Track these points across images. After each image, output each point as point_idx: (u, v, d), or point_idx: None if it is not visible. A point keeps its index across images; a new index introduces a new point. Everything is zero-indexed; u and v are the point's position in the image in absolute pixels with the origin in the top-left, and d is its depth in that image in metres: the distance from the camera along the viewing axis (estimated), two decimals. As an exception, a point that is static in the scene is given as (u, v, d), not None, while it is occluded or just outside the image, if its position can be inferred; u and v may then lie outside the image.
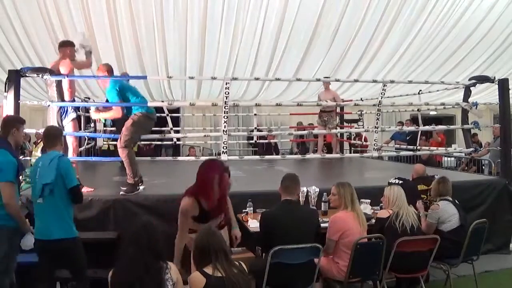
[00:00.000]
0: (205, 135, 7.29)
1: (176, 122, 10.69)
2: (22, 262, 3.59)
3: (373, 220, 3.95)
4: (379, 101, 5.45)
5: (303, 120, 10.85)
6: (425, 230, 3.92)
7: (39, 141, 7.50)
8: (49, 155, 3.25)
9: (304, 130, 9.70)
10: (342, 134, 9.61)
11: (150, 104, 5.81)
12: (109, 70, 4.95)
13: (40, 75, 4.73)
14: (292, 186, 3.45)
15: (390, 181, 4.07)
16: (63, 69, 4.68)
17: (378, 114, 5.58)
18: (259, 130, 9.59)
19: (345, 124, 9.63)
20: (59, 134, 3.48)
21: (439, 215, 3.97)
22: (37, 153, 6.81)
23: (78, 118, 5.34)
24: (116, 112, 4.66)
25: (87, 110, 8.13)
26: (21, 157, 5.02)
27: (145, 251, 2.29)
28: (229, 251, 2.45)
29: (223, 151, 5.09)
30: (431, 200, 4.32)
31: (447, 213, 3.98)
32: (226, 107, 4.96)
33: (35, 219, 3.24)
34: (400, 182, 4.04)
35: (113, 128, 7.09)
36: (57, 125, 4.55)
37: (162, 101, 9.64)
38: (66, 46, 4.81)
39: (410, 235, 3.55)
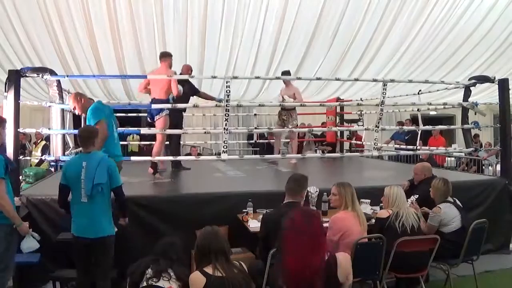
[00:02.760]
0: (205, 132, 7.27)
1: (176, 122, 10.70)
2: (22, 262, 3.61)
3: (373, 220, 3.95)
4: (382, 100, 5.44)
5: (303, 120, 10.84)
6: (426, 233, 3.90)
7: (39, 141, 7.50)
8: (94, 155, 3.31)
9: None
10: (342, 134, 9.62)
11: (153, 106, 5.91)
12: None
13: (40, 75, 4.74)
14: (296, 189, 3.44)
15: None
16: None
17: (381, 114, 5.56)
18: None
19: (345, 124, 9.62)
20: (95, 134, 3.49)
21: (441, 218, 3.94)
22: (37, 153, 6.80)
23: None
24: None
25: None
26: (21, 157, 5.04)
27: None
28: (229, 251, 2.45)
29: (223, 151, 5.09)
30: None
31: (449, 216, 3.95)
32: (227, 105, 4.96)
33: (76, 219, 3.29)
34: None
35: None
36: (59, 125, 4.60)
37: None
38: (169, 57, 5.59)
39: (410, 235, 3.55)
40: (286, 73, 6.88)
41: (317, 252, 2.37)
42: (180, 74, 6.15)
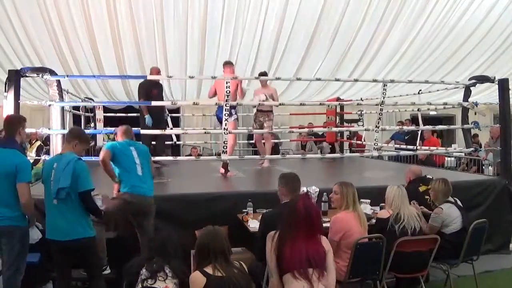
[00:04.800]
0: (205, 132, 7.28)
1: (176, 122, 10.70)
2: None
3: (373, 220, 3.95)
4: (382, 100, 5.44)
5: (303, 121, 10.84)
6: (427, 233, 3.90)
7: (33, 141, 7.48)
8: (65, 157, 3.19)
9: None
10: (342, 134, 9.62)
11: (153, 103, 5.97)
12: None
13: (40, 75, 4.74)
14: (295, 187, 3.47)
15: None
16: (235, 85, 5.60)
17: (381, 114, 5.56)
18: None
19: (345, 124, 9.62)
20: (75, 136, 3.36)
21: (443, 218, 3.93)
22: (32, 153, 6.80)
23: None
24: None
25: (87, 110, 8.16)
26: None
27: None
28: (229, 251, 2.44)
29: (223, 151, 5.09)
30: (434, 201, 4.29)
31: (451, 216, 3.94)
32: (227, 105, 4.96)
33: (47, 220, 3.21)
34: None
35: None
36: (59, 125, 4.60)
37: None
38: (233, 65, 6.04)
39: (411, 237, 3.55)
40: (264, 74, 6.78)
41: (316, 238, 2.68)
42: (146, 77, 6.24)
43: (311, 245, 2.63)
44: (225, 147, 5.15)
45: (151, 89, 6.39)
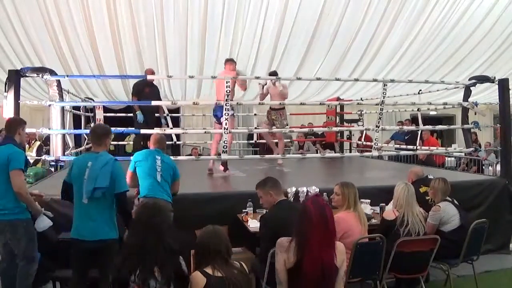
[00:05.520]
0: (205, 132, 7.30)
1: (176, 122, 10.70)
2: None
3: (373, 220, 3.95)
4: (382, 100, 5.44)
5: (303, 121, 10.85)
6: (427, 232, 3.90)
7: (33, 141, 7.49)
8: (101, 157, 3.17)
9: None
10: (342, 134, 9.62)
11: (153, 103, 5.98)
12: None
13: (40, 75, 4.74)
14: (280, 187, 3.47)
15: None
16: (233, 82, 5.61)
17: (381, 114, 5.56)
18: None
19: (345, 124, 9.63)
20: (106, 133, 3.37)
21: (441, 216, 3.95)
22: (32, 153, 6.79)
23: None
24: None
25: (87, 110, 8.16)
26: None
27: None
28: (230, 251, 2.43)
29: (223, 151, 5.09)
30: (432, 199, 4.30)
31: (449, 214, 3.96)
32: (227, 105, 4.96)
33: (76, 220, 3.18)
34: None
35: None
36: (59, 125, 4.61)
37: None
38: (234, 62, 6.10)
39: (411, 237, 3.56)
40: (275, 73, 6.81)
41: (331, 243, 2.50)
42: (146, 77, 6.38)
43: (326, 255, 2.44)
44: (225, 147, 5.15)
45: (143, 87, 6.56)
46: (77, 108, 7.63)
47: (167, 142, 7.33)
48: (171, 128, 8.16)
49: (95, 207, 3.10)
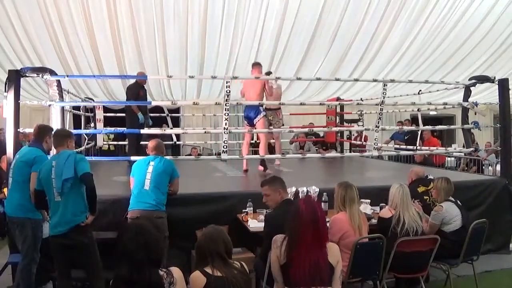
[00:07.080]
0: (205, 132, 7.30)
1: (176, 122, 10.70)
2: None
3: (373, 220, 3.95)
4: (382, 100, 5.44)
5: (303, 121, 10.83)
6: (428, 232, 3.90)
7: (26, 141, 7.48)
8: (62, 155, 3.35)
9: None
10: (342, 134, 9.62)
11: (153, 103, 5.97)
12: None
13: (40, 75, 4.74)
14: (284, 187, 3.48)
15: None
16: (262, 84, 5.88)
17: (381, 114, 5.56)
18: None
19: (345, 124, 9.62)
20: (67, 135, 3.59)
21: (443, 216, 3.94)
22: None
23: None
24: None
25: (87, 110, 8.16)
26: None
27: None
28: (230, 251, 2.42)
29: (223, 151, 5.09)
30: (434, 201, 4.30)
31: (451, 214, 3.95)
32: (227, 105, 4.96)
33: (51, 219, 3.33)
34: None
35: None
36: (59, 125, 4.61)
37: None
38: (260, 66, 6.23)
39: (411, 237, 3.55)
40: (269, 73, 6.91)
41: (322, 243, 2.52)
42: (139, 79, 6.54)
43: (315, 254, 2.46)
44: (225, 147, 5.13)
45: (138, 90, 6.68)
46: (77, 108, 7.62)
47: (167, 142, 7.34)
48: (171, 128, 8.16)
49: (67, 202, 3.24)
